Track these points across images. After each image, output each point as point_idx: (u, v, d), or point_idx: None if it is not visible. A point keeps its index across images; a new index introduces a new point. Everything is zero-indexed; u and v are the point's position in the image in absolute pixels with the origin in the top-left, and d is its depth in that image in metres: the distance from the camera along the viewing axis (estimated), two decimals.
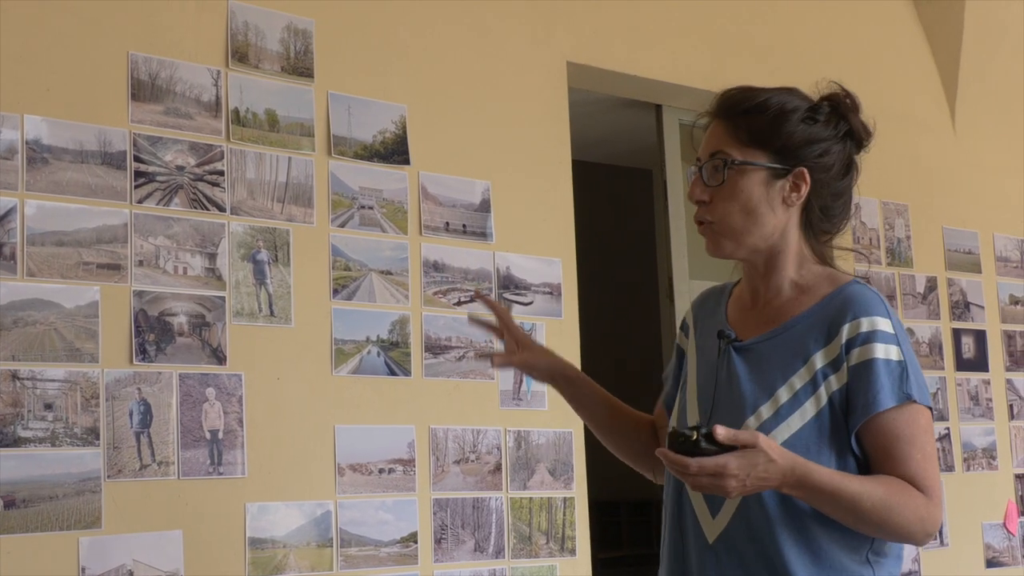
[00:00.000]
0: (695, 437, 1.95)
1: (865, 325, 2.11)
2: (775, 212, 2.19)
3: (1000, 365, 5.72)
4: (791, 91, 2.26)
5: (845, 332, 2.11)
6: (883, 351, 2.09)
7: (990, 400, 5.63)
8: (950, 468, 5.33)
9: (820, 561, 2.09)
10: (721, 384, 2.18)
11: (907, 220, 5.50)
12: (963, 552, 5.34)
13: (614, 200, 7.41)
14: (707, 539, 2.13)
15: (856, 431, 2.09)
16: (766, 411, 2.11)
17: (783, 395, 2.11)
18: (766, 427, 2.08)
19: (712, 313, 2.34)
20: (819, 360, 2.12)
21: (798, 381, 2.11)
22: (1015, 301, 5.88)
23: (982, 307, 5.72)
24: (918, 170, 5.61)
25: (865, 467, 2.11)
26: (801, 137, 2.20)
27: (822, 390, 2.10)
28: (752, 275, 2.27)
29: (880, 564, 2.14)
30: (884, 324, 2.11)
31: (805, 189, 2.20)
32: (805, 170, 2.20)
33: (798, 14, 5.26)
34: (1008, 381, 5.73)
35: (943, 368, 5.47)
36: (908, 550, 4.58)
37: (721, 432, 1.95)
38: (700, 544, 2.14)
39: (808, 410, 2.10)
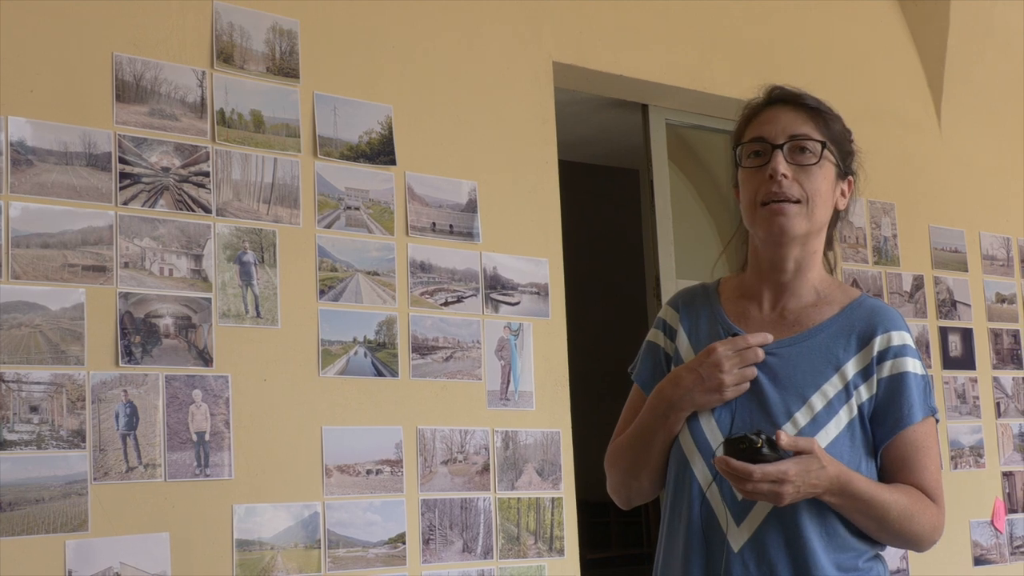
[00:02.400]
0: (759, 444, 1.95)
1: (896, 339, 2.17)
2: (831, 209, 2.25)
3: (987, 363, 5.74)
4: None
5: (878, 344, 2.16)
6: (912, 365, 2.16)
7: (977, 398, 5.64)
8: None
9: (846, 563, 2.13)
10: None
11: (893, 219, 5.51)
12: (951, 550, 5.35)
13: (601, 200, 7.42)
14: (732, 547, 2.13)
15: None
16: (802, 417, 2.12)
17: (817, 402, 2.13)
18: (804, 434, 2.10)
19: (703, 314, 2.32)
20: (851, 369, 2.16)
21: (831, 389, 2.14)
22: (1001, 299, 5.89)
23: (969, 305, 5.73)
24: (904, 169, 5.62)
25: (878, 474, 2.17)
26: (852, 153, 2.32)
27: (853, 400, 2.15)
28: (773, 275, 2.26)
29: (884, 560, 2.23)
30: (909, 339, 2.19)
31: (849, 197, 2.29)
32: (852, 180, 2.30)
33: (784, 14, 5.27)
34: (995, 379, 5.74)
35: (930, 366, 5.48)
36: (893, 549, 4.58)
37: (785, 439, 1.97)
38: (725, 553, 2.14)
39: (842, 418, 2.13)
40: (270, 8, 3.78)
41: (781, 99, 2.27)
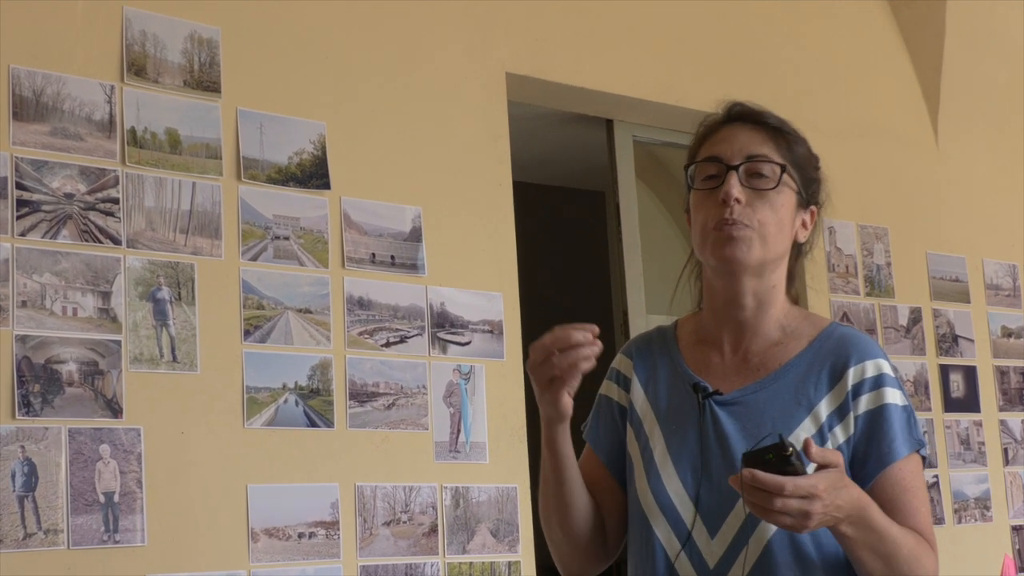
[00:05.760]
0: (790, 452, 1.93)
1: (871, 369, 2.18)
2: (789, 239, 2.26)
3: (993, 405, 5.77)
4: None
5: (851, 376, 2.17)
6: (892, 396, 2.17)
7: (982, 444, 5.68)
8: (939, 520, 5.36)
9: None
10: (710, 444, 2.18)
11: (887, 245, 5.55)
12: None
13: (562, 226, 7.42)
14: None
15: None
16: None
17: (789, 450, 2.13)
18: None
19: (661, 364, 2.33)
20: (824, 408, 2.17)
21: (804, 434, 2.15)
22: (1008, 333, 5.94)
23: (972, 340, 5.77)
24: (898, 190, 5.67)
25: None
26: (818, 181, 2.31)
27: (829, 444, 2.15)
28: (731, 312, 2.26)
29: None
30: (887, 367, 2.19)
31: (811, 228, 2.30)
32: (816, 210, 2.30)
33: (763, 18, 5.31)
34: (1002, 422, 5.78)
35: (930, 409, 5.51)
36: None
37: (815, 449, 1.96)
38: None
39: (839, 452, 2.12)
40: (187, 14, 3.78)
41: (740, 117, 2.28)
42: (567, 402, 2.11)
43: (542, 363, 2.07)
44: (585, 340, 2.05)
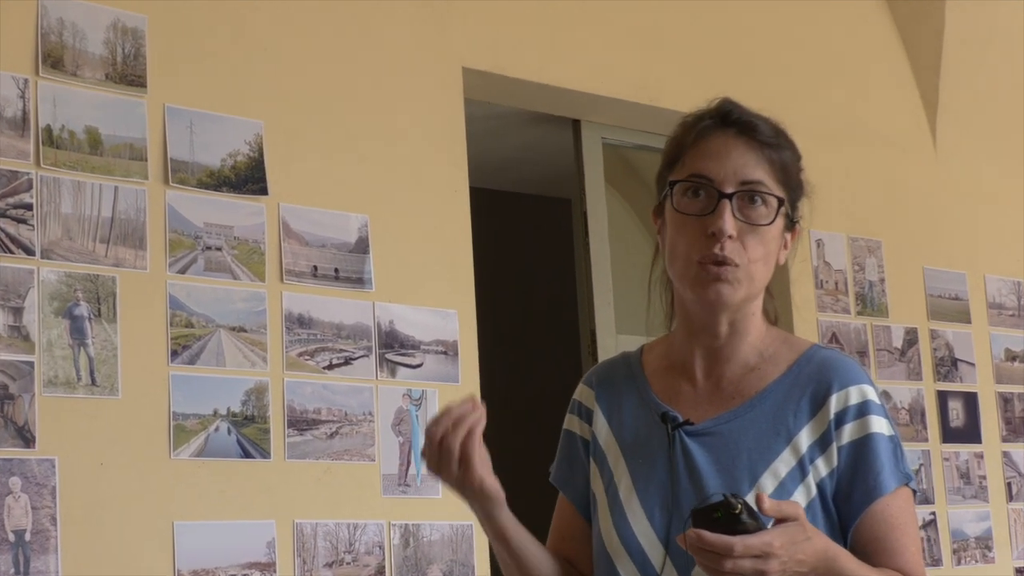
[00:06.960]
0: (738, 510, 1.92)
1: (855, 396, 2.18)
2: (773, 268, 2.25)
3: (995, 435, 5.80)
4: None
5: (833, 404, 2.17)
6: (878, 424, 2.17)
7: (984, 478, 5.70)
8: (936, 562, 5.38)
9: None
10: (681, 479, 2.18)
11: (881, 259, 5.57)
12: None
13: (523, 236, 7.43)
14: None
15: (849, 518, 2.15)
16: None
17: (767, 484, 2.13)
18: None
19: (626, 393, 2.33)
20: (805, 439, 2.17)
21: (783, 467, 2.15)
22: (1012, 356, 5.97)
23: (972, 364, 5.80)
24: (893, 199, 5.69)
25: None
26: (802, 191, 2.29)
27: (810, 478, 2.15)
28: (704, 339, 2.26)
29: None
30: (872, 393, 2.19)
31: (792, 246, 2.27)
32: (800, 227, 2.28)
33: (747, 11, 5.34)
34: (1005, 454, 5.81)
35: (927, 439, 5.53)
36: None
37: (768, 504, 1.94)
38: None
39: (798, 501, 2.12)
40: (110, 1, 3.78)
41: (733, 125, 2.23)
42: (491, 482, 2.12)
43: (438, 456, 2.09)
44: (465, 409, 2.08)
